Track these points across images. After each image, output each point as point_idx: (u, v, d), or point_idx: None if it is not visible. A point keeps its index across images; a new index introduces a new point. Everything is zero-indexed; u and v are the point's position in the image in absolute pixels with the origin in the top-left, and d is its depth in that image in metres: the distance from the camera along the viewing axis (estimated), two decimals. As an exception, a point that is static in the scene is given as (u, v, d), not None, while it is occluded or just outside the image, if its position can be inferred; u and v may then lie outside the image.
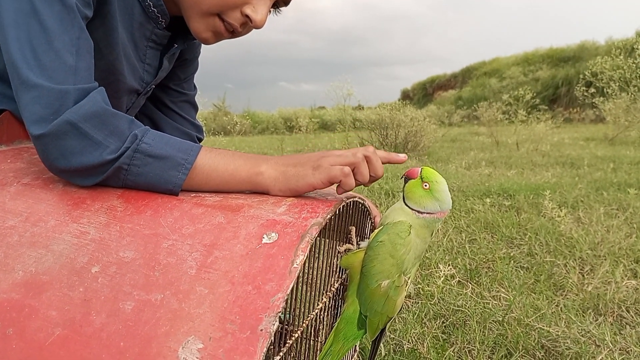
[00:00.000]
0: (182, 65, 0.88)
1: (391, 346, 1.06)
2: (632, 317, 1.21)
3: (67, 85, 0.51)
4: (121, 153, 0.51)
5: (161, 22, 0.70)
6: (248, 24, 0.67)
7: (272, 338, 0.39)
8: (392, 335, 1.10)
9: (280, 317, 0.41)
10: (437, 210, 0.58)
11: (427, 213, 0.58)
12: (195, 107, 0.94)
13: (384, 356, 1.01)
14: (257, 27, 0.67)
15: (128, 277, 0.44)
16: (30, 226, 0.50)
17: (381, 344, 0.69)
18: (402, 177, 0.62)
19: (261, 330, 0.39)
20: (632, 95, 6.13)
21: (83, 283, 0.44)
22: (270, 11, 0.68)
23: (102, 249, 0.47)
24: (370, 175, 0.57)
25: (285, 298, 0.41)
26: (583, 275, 1.49)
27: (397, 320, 1.18)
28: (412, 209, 0.58)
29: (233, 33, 0.68)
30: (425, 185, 0.58)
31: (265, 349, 0.38)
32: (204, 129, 0.99)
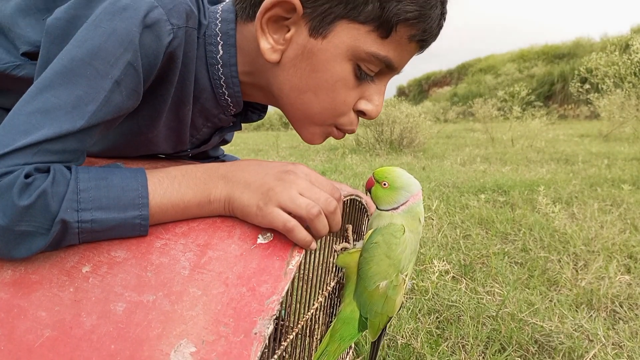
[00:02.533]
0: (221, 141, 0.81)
1: (385, 341, 1.06)
2: (625, 312, 1.22)
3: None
4: (54, 239, 0.44)
5: (231, 110, 0.64)
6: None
7: (267, 340, 0.38)
8: (386, 330, 1.10)
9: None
10: (408, 197, 0.58)
11: (401, 205, 0.58)
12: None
13: (379, 350, 1.01)
14: (371, 119, 0.62)
15: (119, 277, 0.44)
16: None
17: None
18: (366, 192, 0.63)
19: (255, 333, 0.38)
20: (627, 92, 6.16)
21: (73, 283, 0.43)
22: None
23: (93, 247, 0.46)
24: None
25: (280, 300, 0.40)
26: (577, 271, 1.50)
27: (391, 317, 1.18)
28: (388, 210, 0.59)
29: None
30: (384, 184, 0.58)
31: (259, 353, 0.37)
32: None
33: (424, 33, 0.55)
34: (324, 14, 0.53)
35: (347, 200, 0.65)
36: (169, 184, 0.48)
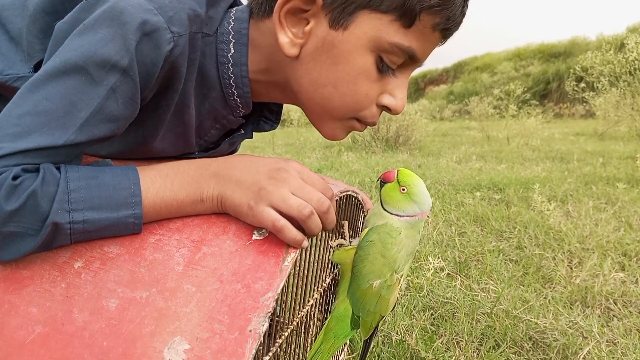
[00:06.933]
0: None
1: (380, 337, 1.06)
2: (620, 309, 1.22)
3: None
4: (44, 241, 0.42)
5: (240, 111, 0.62)
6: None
7: (262, 338, 0.38)
8: (381, 327, 1.10)
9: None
10: (417, 213, 0.57)
11: (407, 216, 0.57)
12: None
13: (373, 347, 1.01)
14: (396, 114, 0.59)
15: (112, 273, 0.43)
16: None
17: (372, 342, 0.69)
18: (377, 181, 0.61)
19: (250, 331, 0.38)
20: (622, 91, 6.18)
21: (65, 279, 0.43)
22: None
23: (85, 243, 0.46)
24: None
25: (276, 297, 0.40)
26: (571, 268, 1.51)
27: (387, 314, 1.18)
28: (392, 213, 0.57)
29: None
30: (403, 189, 0.57)
31: (254, 351, 0.37)
32: None
33: (448, 21, 0.53)
34: (345, 4, 0.51)
35: (343, 196, 0.65)
36: (161, 183, 0.47)
